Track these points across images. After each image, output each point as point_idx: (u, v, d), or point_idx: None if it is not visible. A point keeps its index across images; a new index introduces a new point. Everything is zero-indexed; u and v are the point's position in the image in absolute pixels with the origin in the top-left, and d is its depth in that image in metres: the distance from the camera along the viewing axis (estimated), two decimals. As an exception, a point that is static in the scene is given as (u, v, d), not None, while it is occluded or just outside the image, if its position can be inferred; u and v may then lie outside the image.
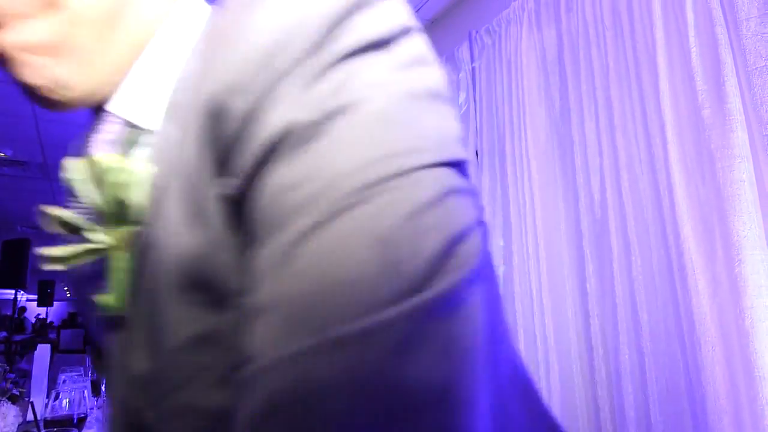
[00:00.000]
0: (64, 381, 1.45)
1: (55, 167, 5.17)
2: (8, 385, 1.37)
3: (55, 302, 13.53)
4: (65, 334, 6.60)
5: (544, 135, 2.01)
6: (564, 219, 1.91)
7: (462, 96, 2.45)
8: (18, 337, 8.09)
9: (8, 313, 7.70)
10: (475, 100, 2.35)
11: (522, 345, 1.90)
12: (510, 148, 2.08)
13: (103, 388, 1.69)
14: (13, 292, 7.38)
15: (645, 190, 1.65)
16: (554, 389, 1.78)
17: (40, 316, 13.48)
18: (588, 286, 1.77)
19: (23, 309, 13.48)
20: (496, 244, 2.12)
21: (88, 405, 1.34)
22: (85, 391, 1.31)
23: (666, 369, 1.53)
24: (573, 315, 1.84)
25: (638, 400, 1.58)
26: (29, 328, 12.49)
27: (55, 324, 13.46)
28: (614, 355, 1.65)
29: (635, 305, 1.61)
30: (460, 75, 2.47)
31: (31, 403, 1.24)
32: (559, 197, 1.93)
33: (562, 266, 1.89)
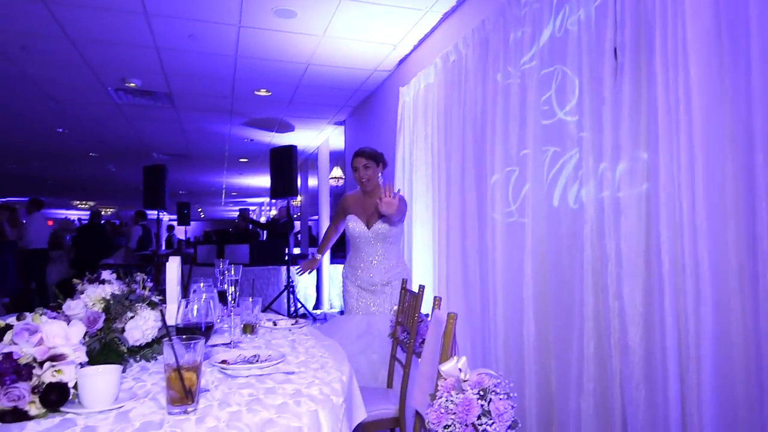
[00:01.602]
0: (194, 291, 1.52)
1: (180, 96, 5.49)
2: (147, 293, 1.46)
3: (191, 222, 15.18)
4: (201, 249, 7.36)
5: (709, 20, 1.62)
6: (730, 125, 1.56)
7: (598, -17, 2.06)
8: (164, 251, 9.25)
9: (153, 231, 8.75)
10: (615, -13, 1.96)
11: (666, 275, 1.66)
12: (660, 41, 1.72)
13: (229, 298, 1.78)
14: (156, 212, 8.31)
15: None
16: (705, 327, 1.54)
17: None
18: (760, 207, 1.46)
19: (171, 227, 15.33)
20: (639, 158, 1.83)
21: (215, 314, 1.41)
22: (212, 301, 1.37)
23: None
24: (734, 242, 1.55)
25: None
26: (175, 245, 14.19)
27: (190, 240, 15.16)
28: (790, 287, 1.37)
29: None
30: (597, -43, 2.07)
31: (161, 310, 1.32)
32: (725, 98, 1.57)
33: (723, 184, 1.57)
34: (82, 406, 1.03)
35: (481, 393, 1.15)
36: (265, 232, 10.59)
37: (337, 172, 8.86)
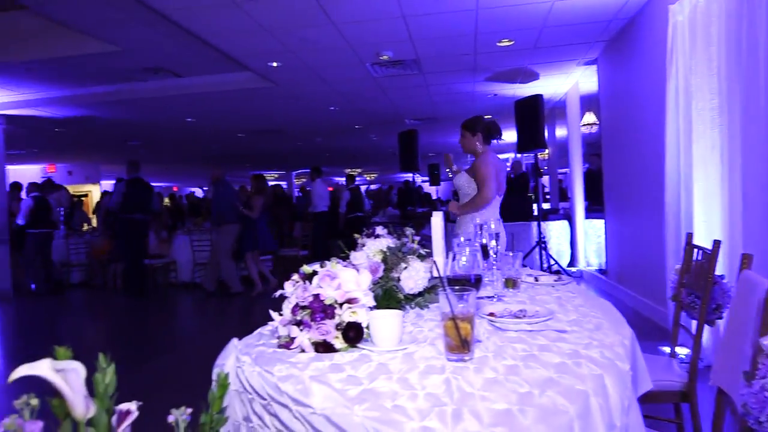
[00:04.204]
0: (457, 245, 1.56)
1: (426, 61, 5.73)
2: (416, 246, 1.56)
3: (441, 182, 16.10)
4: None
5: None
6: None
7: None
8: (420, 209, 10.06)
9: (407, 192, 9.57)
10: None
11: None
12: None
13: (491, 252, 1.78)
14: (410, 174, 9.02)
15: None
16: None
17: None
18: None
19: (420, 188, 16.64)
20: None
21: (482, 267, 1.41)
22: (477, 254, 1.38)
23: None
24: None
25: None
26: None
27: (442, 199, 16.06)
28: None
29: None
30: None
31: (434, 261, 1.38)
32: None
33: None
34: (373, 345, 1.15)
35: (831, 379, 0.88)
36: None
37: (590, 117, 8.09)
